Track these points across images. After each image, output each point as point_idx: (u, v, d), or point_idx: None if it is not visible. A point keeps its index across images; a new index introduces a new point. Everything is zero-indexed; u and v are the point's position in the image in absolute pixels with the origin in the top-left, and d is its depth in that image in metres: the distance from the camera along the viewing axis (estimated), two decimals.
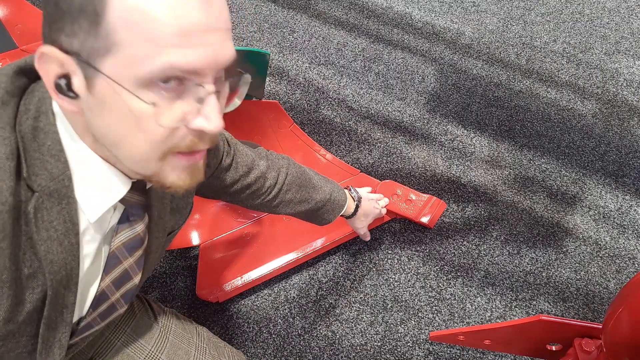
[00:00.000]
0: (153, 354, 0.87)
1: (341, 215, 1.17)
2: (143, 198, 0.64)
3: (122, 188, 0.59)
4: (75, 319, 0.65)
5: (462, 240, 1.46)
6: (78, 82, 0.50)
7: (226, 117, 1.44)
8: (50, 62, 0.49)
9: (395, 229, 1.47)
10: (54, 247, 0.56)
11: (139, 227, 0.65)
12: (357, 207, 1.18)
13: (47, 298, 0.58)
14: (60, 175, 0.55)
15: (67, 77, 0.50)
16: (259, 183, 0.95)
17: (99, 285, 0.66)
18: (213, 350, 0.93)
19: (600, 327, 0.80)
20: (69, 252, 0.58)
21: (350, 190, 1.19)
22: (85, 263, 0.62)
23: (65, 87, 0.50)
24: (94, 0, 0.46)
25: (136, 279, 0.71)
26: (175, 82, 0.49)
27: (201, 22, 0.48)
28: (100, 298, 0.67)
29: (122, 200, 0.60)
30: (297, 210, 1.06)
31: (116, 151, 0.54)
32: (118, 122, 0.51)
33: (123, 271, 0.68)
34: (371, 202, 1.27)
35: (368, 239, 1.36)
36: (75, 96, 0.50)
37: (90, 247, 0.62)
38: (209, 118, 0.52)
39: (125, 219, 0.63)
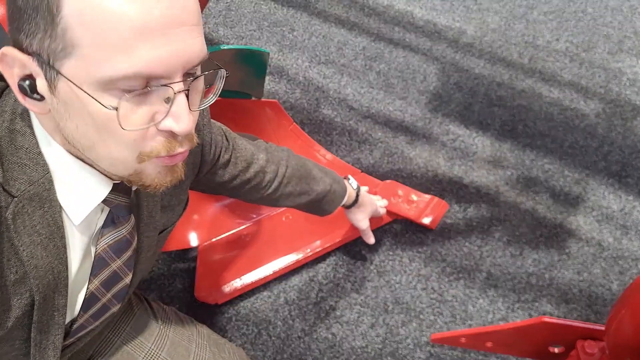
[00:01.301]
0: (153, 351, 0.87)
1: (342, 206, 1.15)
2: (129, 199, 0.62)
3: (103, 190, 0.57)
4: (66, 321, 0.64)
5: (464, 241, 1.45)
6: (41, 84, 0.48)
7: (225, 115, 1.43)
8: (12, 63, 0.48)
9: (396, 230, 1.46)
10: (37, 251, 0.55)
11: (125, 229, 0.64)
12: (357, 195, 1.16)
13: (35, 303, 0.57)
14: (41, 179, 0.54)
15: (30, 78, 0.48)
16: (259, 177, 0.93)
17: (87, 288, 0.65)
18: (213, 347, 0.93)
19: (603, 329, 0.80)
20: (55, 256, 0.57)
21: (349, 179, 1.17)
22: (74, 265, 0.61)
23: (29, 89, 0.48)
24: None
25: (127, 279, 0.70)
26: (141, 83, 0.47)
27: (164, 17, 0.45)
28: (90, 300, 0.66)
29: (106, 202, 0.59)
30: (297, 202, 1.04)
31: (90, 154, 0.53)
32: (86, 125, 0.49)
33: (112, 273, 0.66)
34: (369, 195, 1.25)
35: (372, 240, 1.28)
36: (41, 98, 0.49)
37: (77, 250, 0.60)
38: (178, 118, 0.50)
39: (110, 222, 0.62)
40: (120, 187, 0.59)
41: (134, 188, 0.63)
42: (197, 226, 1.37)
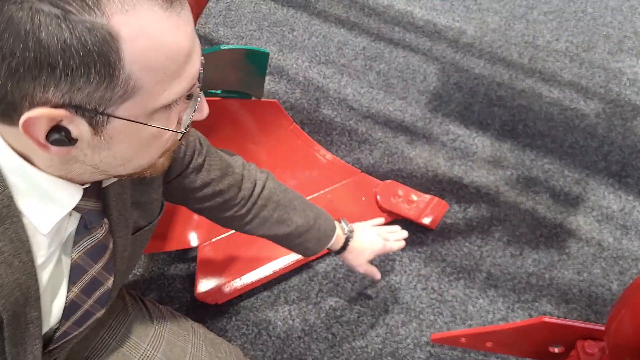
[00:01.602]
0: (149, 352, 0.87)
1: (330, 250, 1.03)
2: (99, 202, 0.61)
3: (73, 198, 0.56)
4: (44, 330, 0.63)
5: (464, 241, 1.45)
6: (79, 130, 0.46)
7: (225, 116, 1.42)
8: (38, 123, 0.44)
9: None
10: (1, 270, 0.53)
11: (99, 234, 0.63)
12: (347, 240, 1.03)
13: (3, 320, 0.55)
14: None
15: (59, 128, 0.45)
16: (232, 192, 0.87)
17: (66, 296, 0.63)
18: (210, 346, 0.93)
19: (603, 329, 0.80)
20: (21, 272, 0.55)
21: (341, 222, 1.04)
22: (44, 277, 0.59)
23: (66, 139, 0.46)
24: (105, 53, 0.42)
25: (108, 284, 0.69)
26: None
27: (192, 32, 0.49)
28: (71, 308, 0.65)
29: (77, 209, 0.58)
30: (274, 232, 0.95)
31: (115, 170, 0.54)
32: (129, 148, 0.51)
33: (91, 279, 0.65)
34: (372, 236, 1.09)
35: (378, 277, 1.14)
36: (73, 142, 0.47)
37: (47, 259, 0.58)
38: (202, 109, 0.56)
39: (83, 228, 0.61)
40: (89, 192, 0.58)
41: (104, 185, 0.61)
42: (197, 226, 1.37)
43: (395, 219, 1.45)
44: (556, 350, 0.92)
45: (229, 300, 1.30)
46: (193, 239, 1.36)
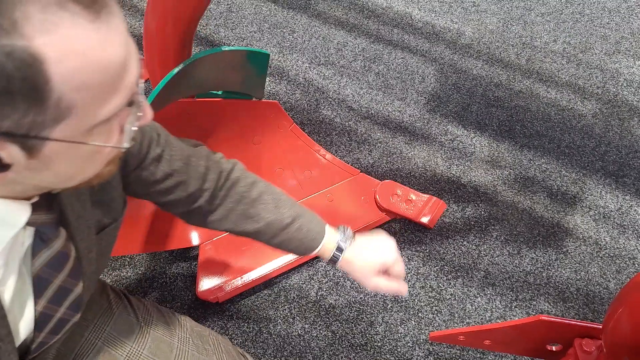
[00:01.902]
0: (135, 350, 0.86)
1: (320, 257, 0.86)
2: (51, 212, 0.59)
3: (20, 216, 0.53)
4: (17, 344, 0.61)
5: (462, 240, 1.46)
6: (11, 156, 0.44)
7: (226, 116, 1.42)
8: None
9: (395, 229, 1.47)
10: None
11: (57, 244, 0.60)
12: (338, 250, 0.84)
13: None
14: None
15: None
16: (196, 184, 0.80)
17: (34, 310, 0.61)
18: (197, 339, 0.92)
19: (601, 327, 0.80)
20: None
21: (339, 228, 0.86)
22: (6, 295, 0.57)
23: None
24: (29, 77, 0.39)
25: (78, 289, 0.67)
26: None
27: (127, 40, 0.46)
28: (42, 319, 0.63)
29: (29, 224, 0.55)
30: (241, 228, 0.84)
31: (58, 185, 0.52)
32: (70, 166, 0.49)
33: (58, 288, 0.63)
34: (380, 246, 0.85)
35: (404, 292, 0.86)
36: (7, 168, 0.44)
37: (5, 277, 0.56)
38: (146, 113, 0.53)
39: (40, 240, 0.58)
40: (39, 204, 0.56)
41: (54, 191, 0.58)
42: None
43: (394, 218, 1.46)
44: (554, 348, 0.93)
45: (230, 298, 1.31)
46: (194, 238, 1.37)
